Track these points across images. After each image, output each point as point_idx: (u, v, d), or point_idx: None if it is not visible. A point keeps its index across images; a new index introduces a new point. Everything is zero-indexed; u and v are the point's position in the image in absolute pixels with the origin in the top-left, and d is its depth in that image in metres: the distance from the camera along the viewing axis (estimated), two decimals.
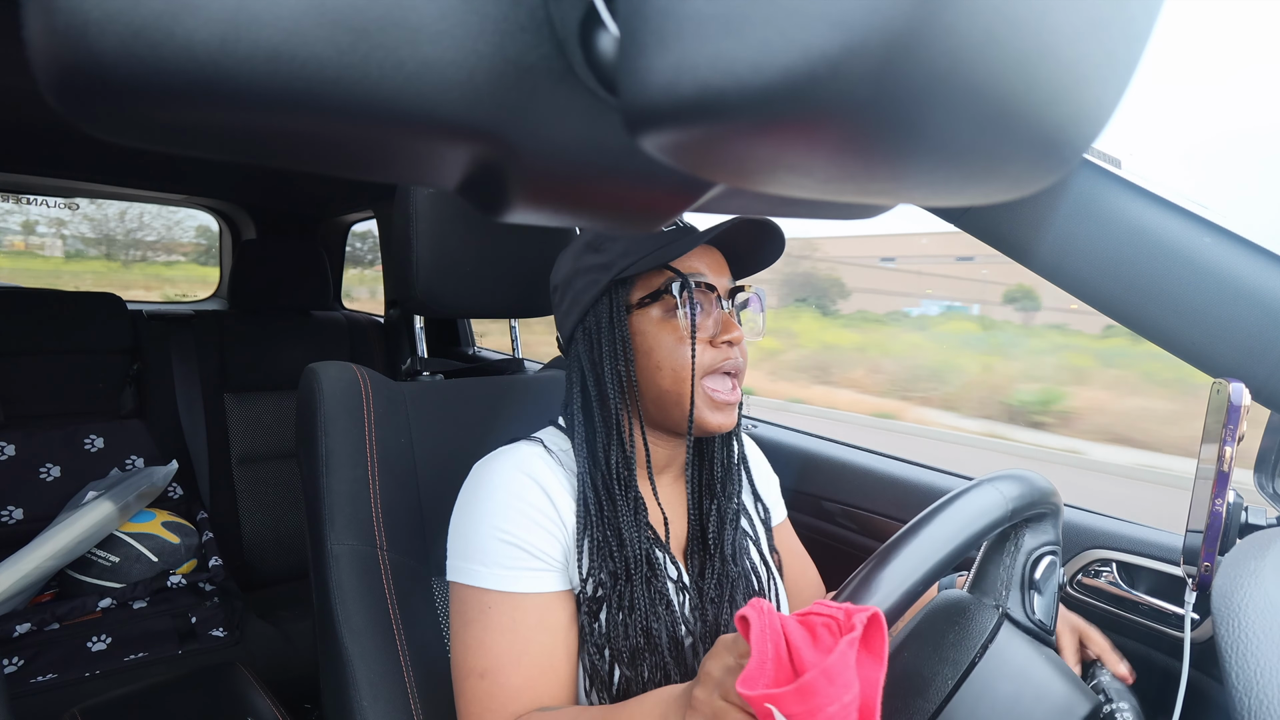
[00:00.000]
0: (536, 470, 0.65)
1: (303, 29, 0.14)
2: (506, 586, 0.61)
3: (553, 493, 0.64)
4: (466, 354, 2.03)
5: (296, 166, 0.18)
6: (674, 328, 0.65)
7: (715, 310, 0.67)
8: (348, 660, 0.71)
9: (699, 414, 0.65)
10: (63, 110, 0.14)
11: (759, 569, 0.74)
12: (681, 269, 0.65)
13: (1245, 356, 0.57)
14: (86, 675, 1.24)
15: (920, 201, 0.17)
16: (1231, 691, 0.37)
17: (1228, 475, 0.52)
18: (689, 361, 0.64)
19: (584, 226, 0.44)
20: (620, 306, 0.66)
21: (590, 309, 0.67)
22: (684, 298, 0.64)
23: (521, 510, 0.62)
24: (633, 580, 0.63)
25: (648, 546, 0.65)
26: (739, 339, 0.67)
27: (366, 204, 2.04)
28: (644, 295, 0.66)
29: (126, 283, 4.07)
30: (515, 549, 0.61)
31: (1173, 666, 0.74)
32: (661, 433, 0.70)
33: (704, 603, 0.68)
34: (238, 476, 1.83)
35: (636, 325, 0.67)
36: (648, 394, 0.67)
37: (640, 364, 0.66)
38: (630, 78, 0.14)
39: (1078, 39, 0.12)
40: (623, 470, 0.66)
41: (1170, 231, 0.59)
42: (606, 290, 0.66)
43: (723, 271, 0.69)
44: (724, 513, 0.72)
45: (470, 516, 0.64)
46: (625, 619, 0.62)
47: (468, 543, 0.63)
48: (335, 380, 0.80)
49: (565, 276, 0.70)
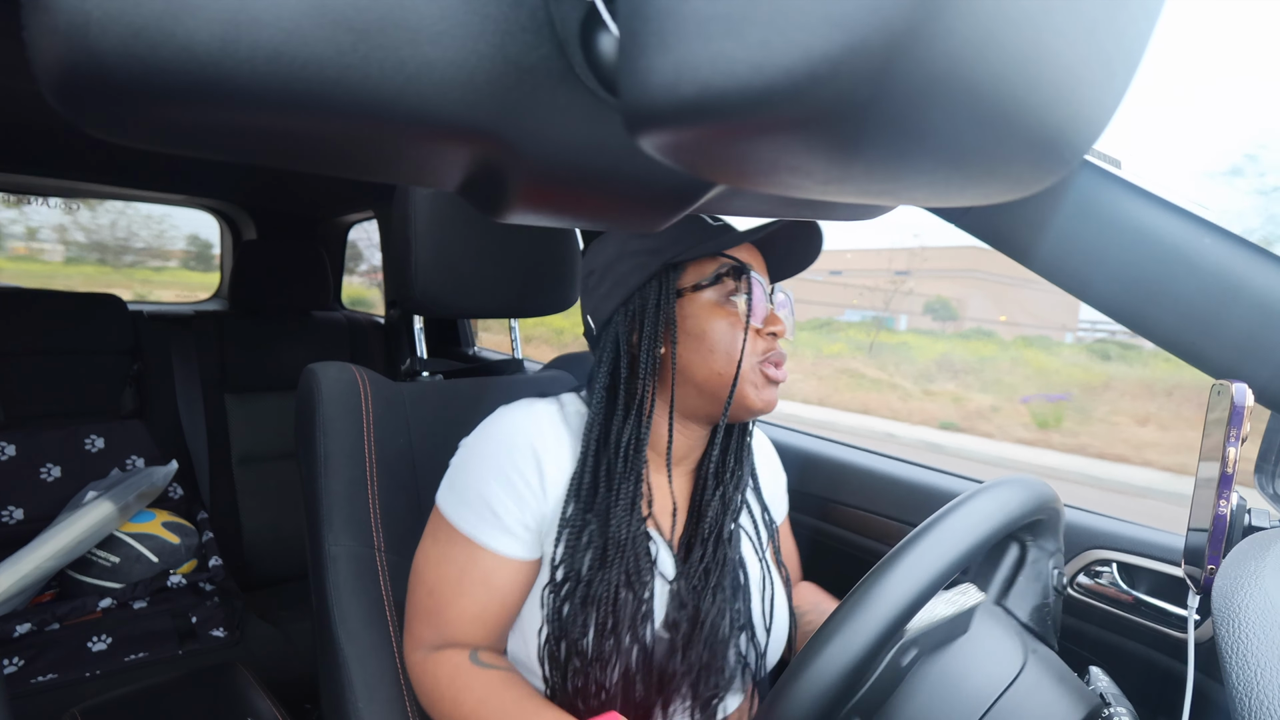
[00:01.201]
0: (542, 433, 0.66)
1: (303, 29, 0.14)
2: (469, 532, 0.65)
3: (547, 462, 0.65)
4: (466, 354, 2.03)
5: (297, 166, 0.18)
6: (728, 313, 0.67)
7: (762, 303, 0.69)
8: (344, 662, 0.71)
9: (749, 395, 0.66)
10: (63, 110, 0.14)
11: (749, 566, 0.73)
12: (739, 259, 0.67)
13: (1246, 357, 0.57)
14: (87, 675, 1.24)
15: (920, 202, 0.17)
16: (1232, 692, 0.37)
17: (1231, 477, 0.51)
18: (742, 345, 0.66)
19: (584, 227, 0.44)
20: (670, 290, 0.67)
21: (636, 291, 0.68)
22: (743, 284, 0.66)
23: (507, 475, 0.65)
24: (609, 567, 0.63)
25: (639, 536, 0.65)
26: (783, 331, 0.69)
27: (366, 204, 2.04)
28: (699, 280, 0.67)
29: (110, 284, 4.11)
30: (487, 508, 0.65)
31: (1173, 667, 0.74)
32: (691, 421, 0.71)
33: (689, 591, 0.68)
34: (238, 476, 1.82)
35: (687, 309, 0.67)
36: (695, 377, 0.67)
37: (690, 347, 0.67)
38: (631, 78, 0.14)
39: (1078, 41, 0.12)
40: (632, 453, 0.66)
41: (1171, 232, 0.59)
42: (657, 274, 0.67)
43: (763, 270, 0.71)
44: (727, 500, 0.72)
45: (467, 457, 0.68)
46: (587, 605, 0.63)
47: (455, 478, 0.68)
48: (334, 381, 0.80)
49: (608, 260, 0.70)
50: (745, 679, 0.71)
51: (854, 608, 0.46)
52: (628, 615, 0.63)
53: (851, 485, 1.06)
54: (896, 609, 0.45)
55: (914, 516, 0.96)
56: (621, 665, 0.63)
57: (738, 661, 0.69)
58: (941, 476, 1.00)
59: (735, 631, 0.69)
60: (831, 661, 0.44)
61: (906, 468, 1.04)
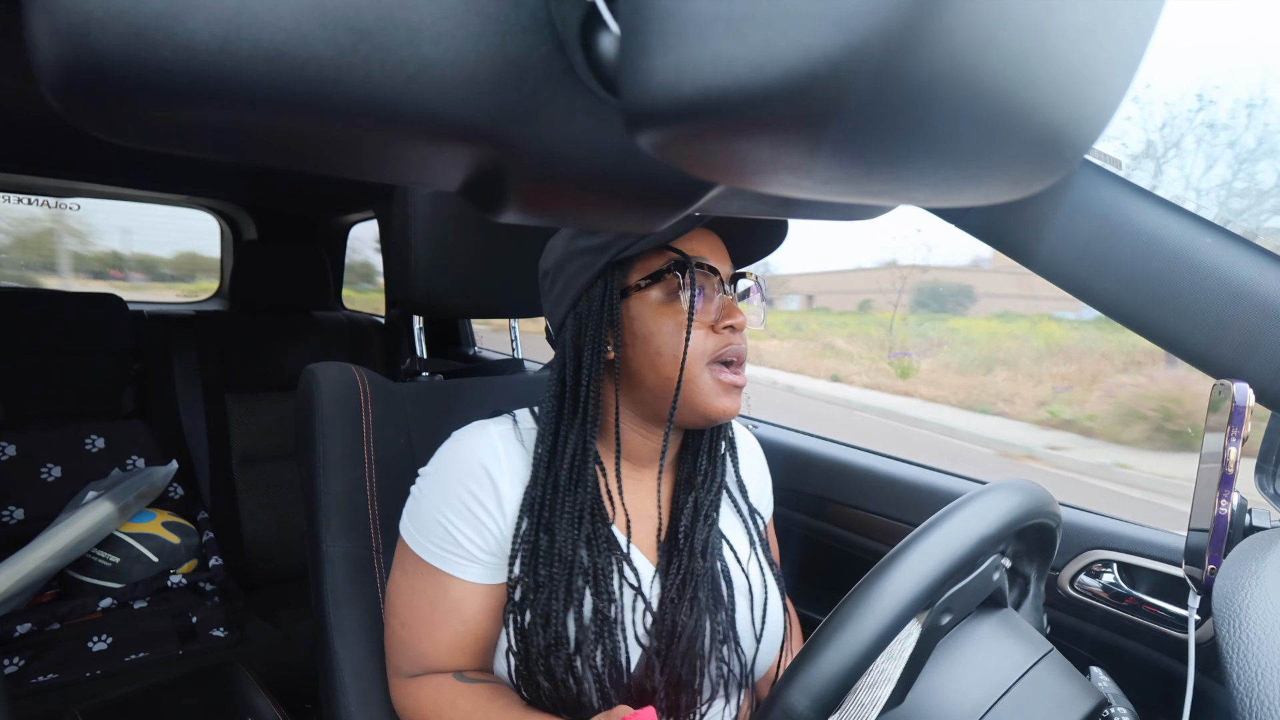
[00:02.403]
0: (496, 455, 0.64)
1: (304, 29, 0.14)
2: (434, 563, 0.64)
3: (503, 484, 0.63)
4: (466, 354, 2.03)
5: (297, 166, 0.18)
6: (675, 311, 0.63)
7: (717, 295, 0.64)
8: (338, 665, 0.71)
9: (706, 401, 0.63)
10: (64, 110, 0.14)
11: (734, 574, 0.69)
12: (684, 251, 0.63)
13: (1246, 357, 0.57)
14: (87, 675, 1.24)
15: (920, 202, 0.17)
16: (1233, 692, 0.37)
17: (1232, 477, 0.51)
18: (685, 346, 0.62)
19: (585, 227, 0.44)
20: (614, 290, 0.63)
21: (584, 293, 0.64)
22: (686, 279, 0.62)
23: (463, 500, 0.63)
24: (568, 581, 0.61)
25: (600, 547, 0.63)
26: (742, 324, 0.64)
27: (366, 204, 2.04)
28: (642, 277, 0.63)
29: None
30: (449, 538, 0.63)
31: (1173, 667, 0.74)
32: (653, 425, 0.68)
33: (664, 602, 0.64)
34: (238, 476, 1.82)
35: (633, 309, 0.64)
36: (645, 382, 0.64)
37: (638, 350, 0.63)
38: (631, 78, 0.14)
39: (1078, 40, 0.12)
40: (578, 462, 0.63)
41: (1171, 232, 0.59)
42: (602, 273, 0.63)
43: (724, 257, 0.66)
44: (700, 505, 0.68)
45: (425, 487, 0.66)
46: (550, 623, 0.60)
47: (414, 509, 0.66)
48: (334, 382, 0.80)
49: (557, 261, 0.67)
50: (731, 689, 0.68)
51: (853, 609, 0.46)
52: (593, 631, 0.60)
53: (849, 484, 1.05)
54: (896, 610, 0.45)
55: (913, 516, 0.96)
56: (594, 682, 0.60)
57: (720, 675, 0.66)
58: (941, 476, 1.00)
59: (716, 645, 0.65)
60: (829, 663, 0.44)
61: (905, 467, 1.04)
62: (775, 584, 0.72)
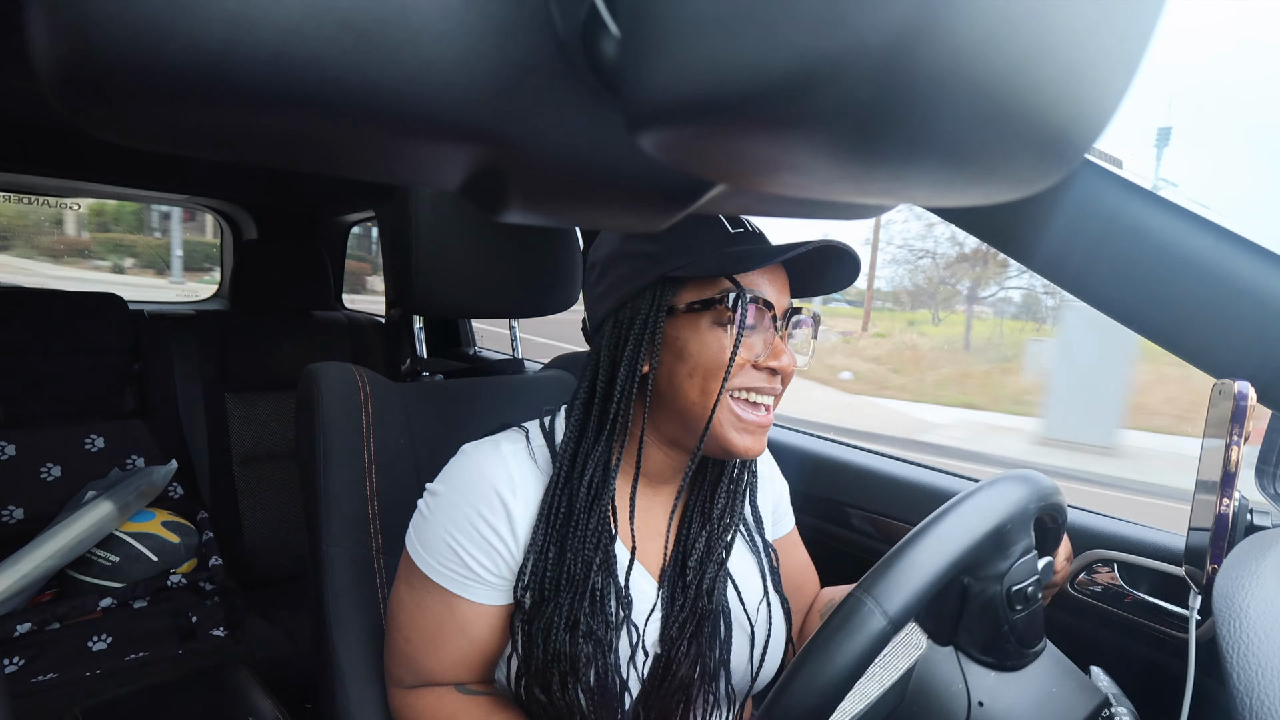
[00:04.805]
0: (509, 477, 0.62)
1: (304, 29, 0.14)
2: (441, 583, 0.62)
3: (515, 507, 0.61)
4: (466, 354, 2.03)
5: (298, 166, 0.18)
6: (718, 340, 0.59)
7: (768, 332, 0.61)
8: (338, 665, 0.71)
9: (725, 435, 0.60)
10: (64, 109, 0.14)
11: (734, 613, 0.67)
12: (742, 282, 0.59)
13: (1246, 357, 0.57)
14: (87, 675, 1.24)
15: (920, 201, 0.17)
16: (1233, 692, 0.37)
17: (1234, 476, 0.51)
18: (724, 377, 0.59)
19: (585, 226, 0.44)
20: (662, 306, 0.60)
21: (629, 300, 0.61)
22: (737, 315, 0.58)
23: (474, 524, 0.61)
24: (560, 597, 0.60)
25: (608, 567, 0.61)
26: (787, 369, 0.61)
27: (366, 204, 2.04)
28: (695, 300, 0.60)
29: None
30: (457, 560, 0.61)
31: (1173, 666, 0.74)
32: (674, 447, 0.65)
33: (665, 639, 0.63)
34: (238, 476, 1.82)
35: (677, 329, 0.60)
36: (674, 403, 0.61)
37: (672, 369, 0.60)
38: (632, 78, 0.14)
39: (1079, 39, 0.12)
40: (598, 481, 0.61)
41: (1171, 231, 0.59)
42: (653, 285, 0.60)
43: (784, 290, 0.63)
44: (712, 544, 0.66)
45: (434, 506, 0.63)
46: (550, 637, 0.59)
47: (424, 526, 0.63)
48: (334, 382, 0.80)
49: (607, 256, 0.63)
50: (723, 714, 0.68)
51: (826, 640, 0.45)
52: (585, 653, 0.59)
53: (861, 487, 1.05)
54: (909, 599, 0.45)
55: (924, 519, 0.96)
56: (588, 703, 0.60)
57: (711, 705, 0.66)
58: (953, 479, 1.00)
59: (707, 681, 0.65)
60: (826, 667, 0.44)
61: (917, 470, 1.04)
62: (783, 621, 0.70)
